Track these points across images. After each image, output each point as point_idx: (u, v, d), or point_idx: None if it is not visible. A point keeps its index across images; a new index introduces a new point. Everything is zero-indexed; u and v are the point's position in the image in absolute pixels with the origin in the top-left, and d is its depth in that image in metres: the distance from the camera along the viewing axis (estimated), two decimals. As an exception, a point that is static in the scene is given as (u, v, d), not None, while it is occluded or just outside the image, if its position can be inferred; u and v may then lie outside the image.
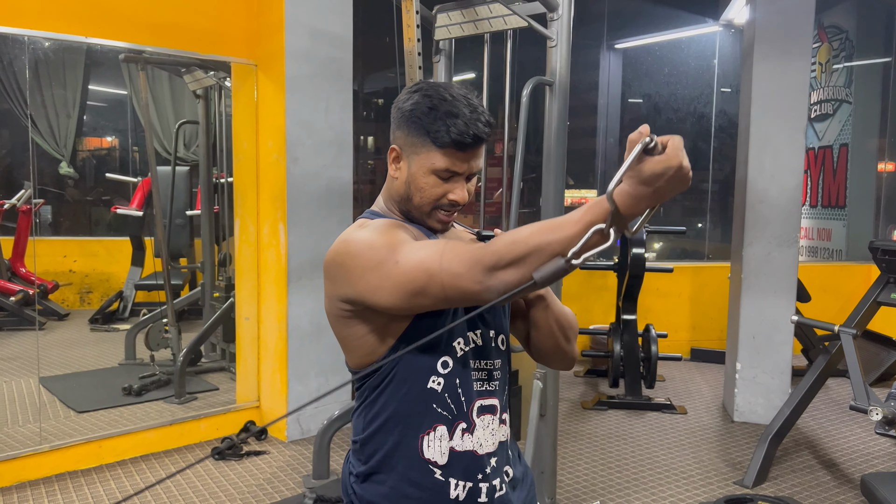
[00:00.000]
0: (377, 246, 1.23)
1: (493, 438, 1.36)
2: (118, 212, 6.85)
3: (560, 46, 2.97)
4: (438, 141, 1.26)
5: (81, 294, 7.38)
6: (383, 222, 1.31)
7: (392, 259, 1.20)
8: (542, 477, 3.12)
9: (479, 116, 1.27)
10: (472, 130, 1.26)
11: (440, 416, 1.30)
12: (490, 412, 1.35)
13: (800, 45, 4.41)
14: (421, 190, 1.30)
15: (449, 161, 1.28)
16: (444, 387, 1.30)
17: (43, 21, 3.42)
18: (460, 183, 1.31)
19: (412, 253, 1.19)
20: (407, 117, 1.30)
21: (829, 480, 3.71)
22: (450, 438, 1.30)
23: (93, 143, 8.36)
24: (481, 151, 1.31)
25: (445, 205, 1.32)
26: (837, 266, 7.00)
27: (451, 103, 1.27)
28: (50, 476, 3.56)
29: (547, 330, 1.41)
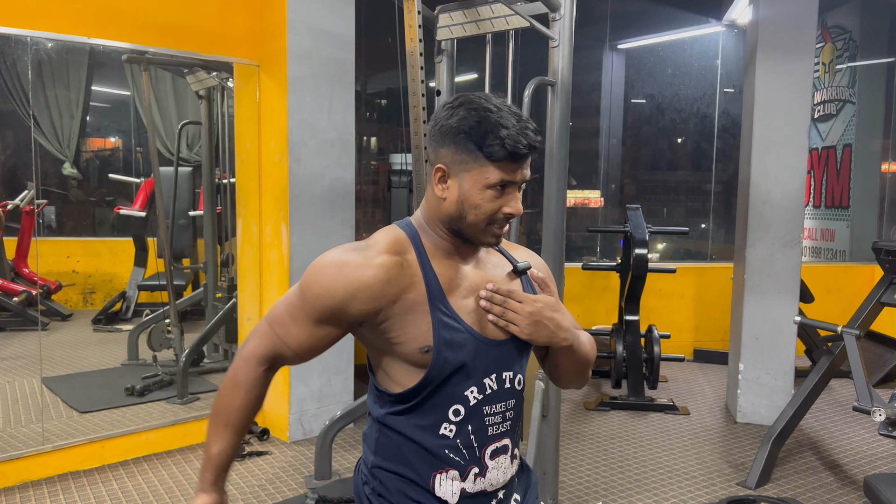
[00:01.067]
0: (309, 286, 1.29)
1: (505, 476, 1.36)
2: (121, 212, 6.86)
3: (562, 46, 2.96)
4: (493, 155, 1.23)
5: (85, 294, 7.39)
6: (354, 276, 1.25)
7: (294, 290, 1.32)
8: (544, 478, 3.12)
9: (527, 124, 1.25)
10: (524, 140, 1.23)
11: (452, 462, 1.30)
12: (503, 453, 1.36)
13: (803, 46, 4.40)
14: (476, 207, 1.26)
15: (503, 173, 1.24)
16: (456, 433, 1.30)
17: (46, 21, 3.42)
18: (514, 194, 1.28)
19: (287, 303, 1.33)
20: (454, 133, 1.25)
21: (832, 482, 3.70)
22: (462, 481, 1.31)
23: (96, 143, 8.37)
24: (529, 160, 1.29)
25: (500, 219, 1.28)
26: (841, 267, 6.99)
27: (497, 115, 1.24)
28: (53, 476, 3.56)
29: (568, 370, 1.43)
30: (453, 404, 1.28)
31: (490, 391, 1.31)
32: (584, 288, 6.22)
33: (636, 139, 8.36)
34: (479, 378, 1.30)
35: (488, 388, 1.31)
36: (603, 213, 7.74)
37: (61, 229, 7.89)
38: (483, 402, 1.30)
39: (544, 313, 1.30)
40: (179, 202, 5.99)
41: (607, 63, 7.78)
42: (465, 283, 1.32)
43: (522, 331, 1.30)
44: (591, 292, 6.24)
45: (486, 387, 1.31)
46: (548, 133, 3.01)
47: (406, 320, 1.25)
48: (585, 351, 1.41)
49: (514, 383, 1.36)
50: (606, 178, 7.88)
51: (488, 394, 1.31)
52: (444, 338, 1.26)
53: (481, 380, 1.30)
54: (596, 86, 7.87)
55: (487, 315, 1.30)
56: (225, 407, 1.32)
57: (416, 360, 1.26)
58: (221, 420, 1.33)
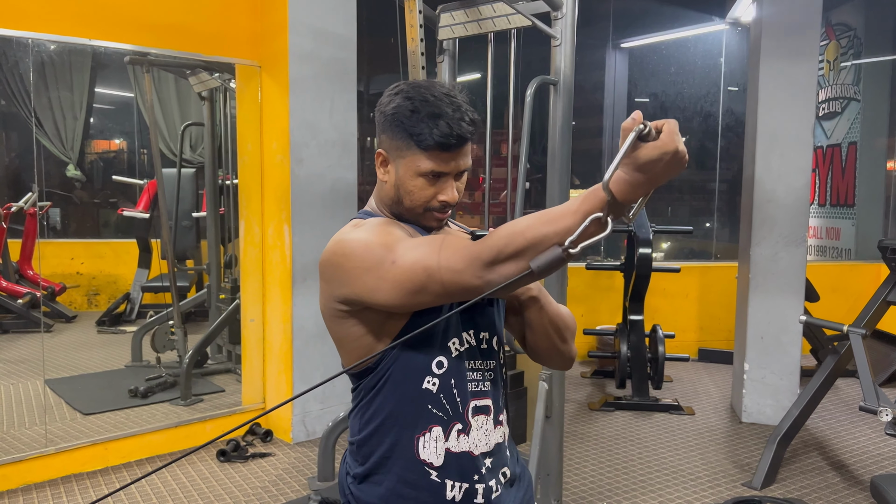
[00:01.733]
0: (372, 245, 1.22)
1: (488, 439, 1.35)
2: (125, 214, 6.86)
3: (564, 45, 2.95)
4: (422, 144, 1.24)
5: (89, 296, 7.40)
6: (377, 221, 1.30)
7: (389, 258, 1.19)
8: (548, 479, 3.10)
9: (463, 115, 1.25)
10: (455, 131, 1.23)
11: (435, 417, 1.30)
12: (484, 412, 1.35)
13: (807, 43, 4.38)
14: (410, 193, 1.29)
15: (434, 163, 1.26)
16: (440, 387, 1.30)
17: (47, 23, 3.42)
18: (449, 183, 1.29)
19: (409, 251, 1.18)
20: (390, 121, 1.28)
21: (838, 482, 3.68)
22: (445, 440, 1.30)
23: (100, 145, 8.37)
24: (468, 149, 1.29)
25: (436, 206, 1.30)
26: (846, 265, 6.96)
27: (433, 104, 1.24)
28: (56, 478, 3.56)
29: (542, 330, 1.41)
30: (437, 356, 1.29)
31: (468, 346, 1.33)
32: (588, 288, 6.20)
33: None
34: (458, 331, 1.32)
35: (466, 342, 1.33)
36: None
37: (65, 231, 7.90)
38: (464, 355, 1.32)
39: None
40: (183, 203, 5.98)
41: (610, 62, 7.77)
42: None
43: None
44: (594, 292, 6.22)
45: (465, 341, 1.33)
46: (550, 132, 2.99)
47: None
48: (556, 311, 1.41)
49: (491, 344, 1.37)
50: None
51: (467, 348, 1.33)
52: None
53: (460, 333, 1.32)
54: (599, 85, 7.85)
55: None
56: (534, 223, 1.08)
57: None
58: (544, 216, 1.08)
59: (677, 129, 0.98)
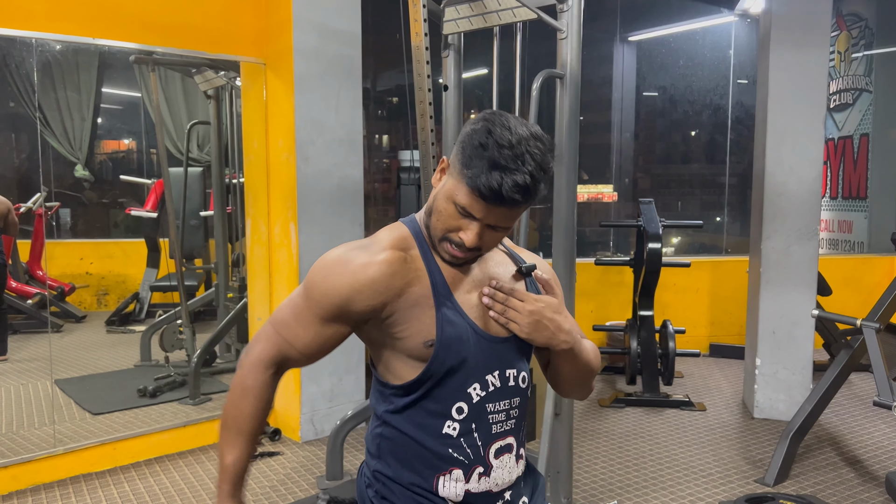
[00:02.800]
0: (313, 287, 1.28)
1: (510, 476, 1.33)
2: (132, 213, 6.87)
3: (570, 38, 2.91)
4: (468, 180, 1.20)
5: (98, 296, 7.42)
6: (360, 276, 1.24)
7: (298, 292, 1.31)
8: (558, 477, 3.07)
9: (519, 177, 1.16)
10: (500, 189, 1.17)
11: (456, 461, 1.28)
12: (508, 452, 1.33)
13: (818, 34, 4.32)
14: (439, 212, 1.26)
15: (469, 203, 1.21)
16: (460, 432, 1.28)
17: (51, 23, 3.41)
18: (475, 227, 1.23)
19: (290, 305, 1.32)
20: (462, 140, 1.24)
21: (852, 478, 3.63)
22: (466, 482, 1.29)
23: (108, 145, 8.39)
24: (515, 212, 1.22)
25: (454, 241, 1.25)
26: (859, 259, 6.88)
27: (501, 150, 1.17)
28: (65, 479, 3.56)
29: (569, 376, 1.40)
30: (456, 402, 1.27)
31: (493, 388, 1.30)
32: (598, 283, 6.16)
33: (649, 132, 8.28)
34: (481, 375, 1.28)
35: (491, 385, 1.30)
36: (617, 208, 7.66)
37: (74, 231, 7.93)
38: (486, 398, 1.29)
39: (545, 313, 1.29)
40: (190, 202, 5.98)
41: (618, 56, 7.71)
42: (469, 278, 1.31)
43: (522, 329, 1.29)
44: (604, 287, 6.18)
45: (489, 384, 1.29)
46: (557, 127, 2.96)
47: (411, 314, 1.25)
48: (588, 358, 1.38)
49: (518, 381, 1.33)
50: (619, 172, 7.81)
51: (491, 391, 1.29)
52: (447, 332, 1.25)
53: (483, 376, 1.29)
54: (607, 79, 7.80)
55: (489, 312, 1.29)
56: (235, 414, 1.30)
57: (420, 355, 1.26)
58: (233, 428, 1.31)
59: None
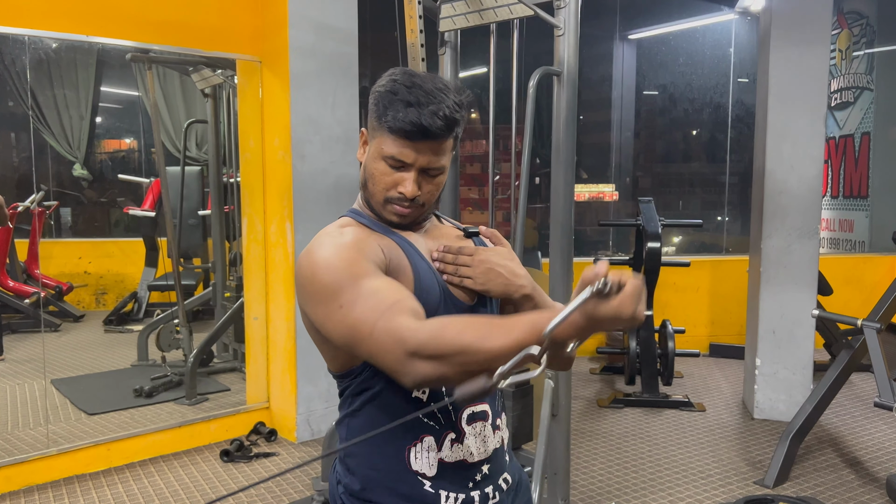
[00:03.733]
0: (334, 276, 1.15)
1: (486, 446, 1.29)
2: (130, 213, 6.85)
3: (567, 35, 2.88)
4: (388, 125, 1.19)
5: (97, 295, 7.40)
6: (352, 238, 1.21)
7: (337, 302, 1.13)
8: (555, 478, 3.04)
9: (440, 109, 1.17)
10: (423, 122, 1.16)
11: (427, 427, 1.24)
12: (482, 419, 1.29)
13: (818, 32, 4.29)
14: (372, 176, 1.24)
15: (397, 149, 1.20)
16: (430, 395, 1.24)
17: (44, 20, 3.38)
18: (410, 175, 1.21)
19: (355, 304, 1.11)
20: (373, 100, 1.24)
21: (853, 480, 3.60)
22: (438, 450, 1.24)
23: (107, 144, 8.37)
24: (440, 147, 1.21)
25: (395, 197, 1.23)
26: (860, 258, 6.84)
27: (413, 91, 1.18)
28: (58, 480, 3.53)
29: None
30: None
31: None
32: (597, 283, 6.12)
33: (649, 131, 8.24)
34: None
35: None
36: (618, 207, 7.63)
37: (73, 230, 7.90)
38: None
39: (495, 260, 1.28)
40: (189, 201, 5.95)
41: (618, 54, 7.67)
42: (423, 249, 1.29)
43: (476, 281, 1.26)
44: (604, 287, 6.14)
45: None
46: (554, 125, 2.93)
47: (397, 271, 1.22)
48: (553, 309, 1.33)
49: None
50: (619, 171, 7.77)
51: None
52: (423, 286, 1.23)
53: None
54: (607, 77, 7.76)
55: (443, 277, 1.27)
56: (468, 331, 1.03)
57: None
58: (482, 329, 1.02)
59: (639, 293, 0.94)
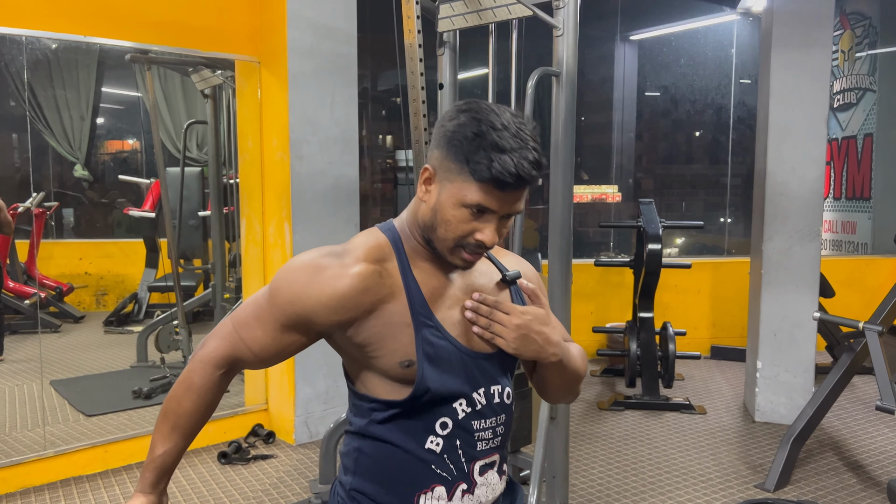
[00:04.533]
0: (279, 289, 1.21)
1: (494, 493, 1.29)
2: (131, 214, 6.84)
3: (566, 36, 2.86)
4: (477, 174, 1.11)
5: (97, 296, 7.39)
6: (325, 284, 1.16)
7: (262, 292, 1.25)
8: (553, 482, 3.02)
9: (528, 154, 1.11)
10: (517, 171, 1.09)
11: (439, 478, 1.21)
12: (492, 468, 1.28)
13: (820, 33, 4.26)
14: (447, 223, 1.15)
15: (484, 197, 1.12)
16: (444, 448, 1.21)
17: (41, 20, 3.37)
18: (492, 223, 1.15)
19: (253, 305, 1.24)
20: (448, 138, 1.14)
21: (854, 484, 3.57)
22: (448, 499, 1.22)
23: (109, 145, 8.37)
24: (523, 193, 1.15)
25: (471, 245, 1.16)
26: (862, 260, 6.81)
27: (499, 133, 1.11)
28: (55, 482, 3.51)
29: (556, 387, 1.35)
30: (440, 417, 1.21)
31: (479, 406, 1.24)
32: (598, 284, 6.11)
33: (651, 132, 8.22)
34: (467, 392, 1.22)
35: (477, 402, 1.23)
36: (621, 208, 7.60)
37: (74, 231, 7.90)
38: (472, 416, 1.23)
39: (532, 326, 1.21)
40: (189, 202, 5.94)
41: (619, 55, 7.64)
42: (450, 292, 1.23)
43: (509, 345, 1.21)
44: (604, 289, 6.12)
45: (476, 402, 1.23)
46: (553, 126, 2.91)
47: (385, 333, 1.17)
48: (576, 366, 1.32)
49: (503, 397, 1.28)
50: (620, 172, 7.74)
51: (478, 409, 1.23)
52: (428, 353, 1.18)
53: (470, 394, 1.22)
54: (609, 79, 7.73)
55: (473, 328, 1.22)
56: (176, 409, 1.24)
57: (397, 375, 1.18)
58: (170, 422, 1.25)
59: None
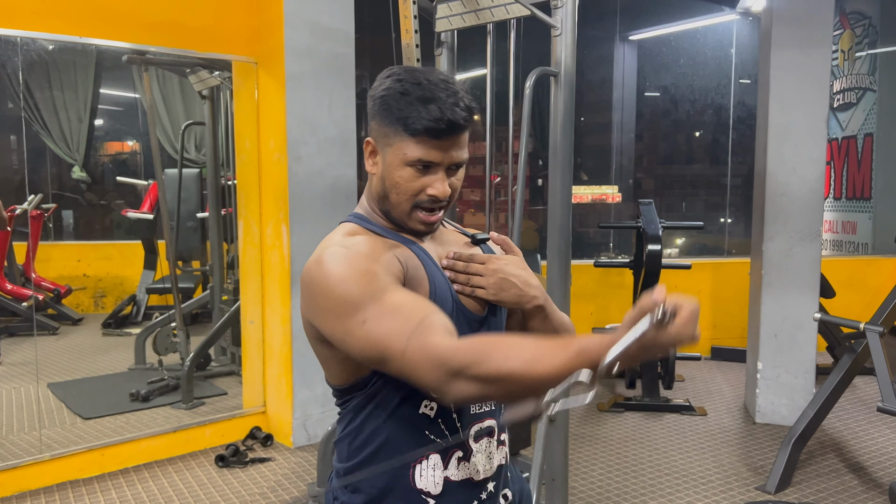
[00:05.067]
0: (350, 290, 1.10)
1: (492, 463, 1.25)
2: (129, 215, 6.82)
3: (565, 35, 2.84)
4: (410, 128, 1.14)
5: (95, 298, 7.37)
6: (363, 249, 1.15)
7: (360, 316, 1.08)
8: (553, 485, 2.99)
9: (458, 100, 1.15)
10: (447, 116, 1.13)
11: (434, 444, 1.19)
12: (488, 435, 1.25)
13: (820, 32, 4.24)
14: (396, 185, 1.17)
15: (423, 150, 1.15)
16: (438, 412, 1.19)
17: (35, 21, 3.35)
18: (440, 175, 1.17)
19: (381, 319, 1.07)
20: (378, 105, 1.18)
21: (856, 485, 3.55)
22: (444, 468, 1.20)
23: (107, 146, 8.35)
24: (463, 140, 1.18)
25: (425, 201, 1.18)
26: (863, 260, 6.79)
27: (425, 87, 1.14)
28: (51, 485, 3.49)
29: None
30: None
31: None
32: (598, 285, 6.09)
33: (651, 133, 8.20)
34: None
35: None
36: (622, 209, 7.58)
37: (72, 233, 7.88)
38: None
39: (509, 269, 1.23)
40: (187, 204, 5.92)
41: (619, 55, 7.62)
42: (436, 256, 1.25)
43: (489, 291, 1.21)
44: (604, 289, 6.10)
45: None
46: (552, 126, 2.89)
47: (414, 282, 1.18)
48: (562, 320, 1.31)
49: None
50: (620, 172, 7.72)
51: None
52: (438, 294, 1.19)
53: None
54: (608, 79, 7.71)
55: (454, 286, 1.22)
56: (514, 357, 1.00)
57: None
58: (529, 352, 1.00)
59: (696, 316, 0.93)
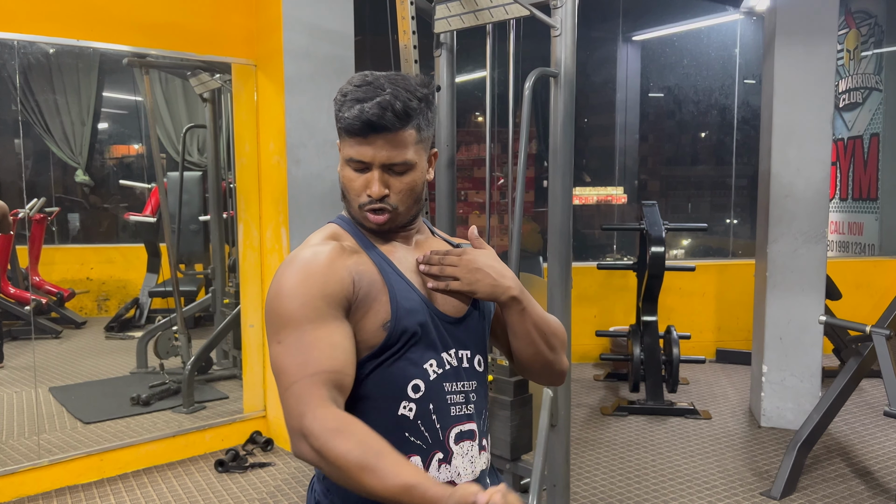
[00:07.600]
0: (285, 310, 1.14)
1: (473, 467, 1.24)
2: (131, 219, 6.81)
3: (564, 36, 2.81)
4: (343, 127, 1.19)
5: (99, 301, 7.36)
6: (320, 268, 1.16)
7: (281, 335, 1.14)
8: (554, 490, 2.96)
9: (389, 102, 1.14)
10: (365, 116, 1.14)
11: (414, 446, 1.18)
12: (469, 438, 1.24)
13: (825, 32, 4.20)
14: (345, 186, 1.23)
15: (355, 149, 1.18)
16: (417, 413, 1.19)
17: (34, 25, 3.33)
18: (374, 174, 1.19)
19: (290, 348, 1.12)
20: (335, 111, 1.22)
21: (862, 491, 3.50)
22: (426, 470, 1.18)
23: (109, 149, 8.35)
24: (398, 140, 1.17)
25: (366, 202, 1.20)
26: (870, 261, 6.73)
27: (363, 89, 1.16)
28: (49, 491, 3.47)
29: (525, 335, 1.28)
30: (412, 379, 1.19)
31: (449, 367, 1.23)
32: (601, 288, 6.04)
33: (655, 133, 8.15)
34: (437, 352, 1.21)
35: (447, 363, 1.23)
36: (626, 210, 7.52)
37: (75, 236, 7.87)
38: (443, 377, 1.22)
39: (482, 260, 1.23)
40: (190, 207, 5.91)
41: (622, 56, 7.57)
42: (407, 263, 1.25)
43: (463, 282, 1.22)
44: (607, 292, 6.06)
45: (445, 362, 1.23)
46: (551, 127, 2.86)
47: (368, 297, 1.18)
48: (541, 316, 1.29)
49: (473, 363, 1.27)
50: (624, 174, 7.67)
51: (447, 369, 1.22)
52: (403, 306, 1.20)
53: (439, 354, 1.22)
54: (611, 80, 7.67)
55: (428, 283, 1.23)
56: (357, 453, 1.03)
57: (377, 340, 1.18)
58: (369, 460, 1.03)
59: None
